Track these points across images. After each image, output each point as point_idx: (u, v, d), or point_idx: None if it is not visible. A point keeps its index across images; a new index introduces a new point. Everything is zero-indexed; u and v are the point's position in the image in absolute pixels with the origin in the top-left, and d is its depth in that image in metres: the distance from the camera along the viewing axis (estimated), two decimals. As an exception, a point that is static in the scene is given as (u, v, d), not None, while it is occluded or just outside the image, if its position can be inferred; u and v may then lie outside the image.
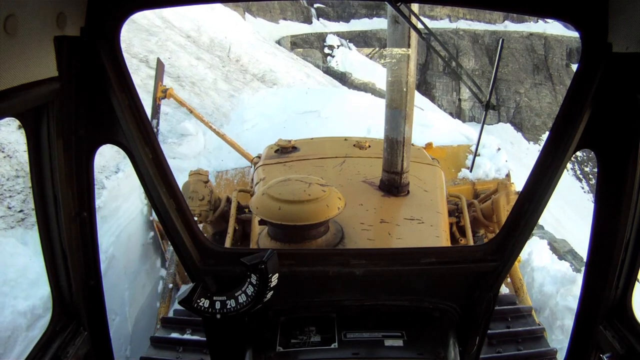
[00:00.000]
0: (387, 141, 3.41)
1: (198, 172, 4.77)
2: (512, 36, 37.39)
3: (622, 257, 1.90)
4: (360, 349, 2.12)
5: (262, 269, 1.92)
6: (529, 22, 39.15)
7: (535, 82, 37.65)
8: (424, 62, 35.75)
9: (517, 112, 37.37)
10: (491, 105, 2.73)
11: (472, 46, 37.14)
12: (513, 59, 37.47)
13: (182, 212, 2.01)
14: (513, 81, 37.33)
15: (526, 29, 38.68)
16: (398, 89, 3.22)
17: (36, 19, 1.41)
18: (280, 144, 4.54)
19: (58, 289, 1.90)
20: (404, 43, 3.09)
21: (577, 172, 35.51)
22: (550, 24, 39.21)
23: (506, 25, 38.56)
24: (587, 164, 35.38)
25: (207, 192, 4.59)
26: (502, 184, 4.88)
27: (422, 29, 2.74)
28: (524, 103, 37.27)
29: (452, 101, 36.71)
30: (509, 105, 37.28)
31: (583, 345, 2.14)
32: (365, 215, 3.27)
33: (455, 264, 2.19)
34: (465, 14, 38.76)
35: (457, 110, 36.11)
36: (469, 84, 2.76)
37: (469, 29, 37.73)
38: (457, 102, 36.83)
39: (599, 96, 1.77)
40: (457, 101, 36.83)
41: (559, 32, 38.31)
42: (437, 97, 35.62)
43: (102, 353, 2.13)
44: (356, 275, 2.14)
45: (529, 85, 37.46)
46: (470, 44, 37.28)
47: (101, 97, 1.74)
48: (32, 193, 1.74)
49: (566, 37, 37.80)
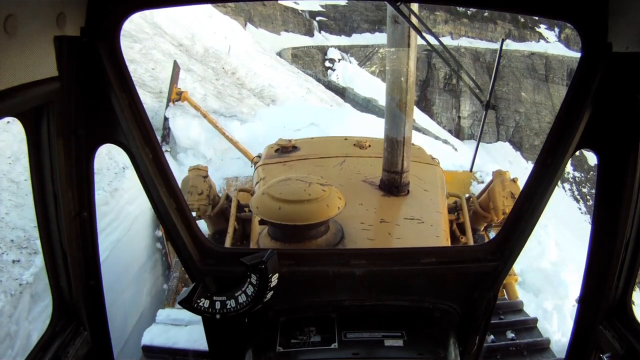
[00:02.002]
0: (387, 141, 3.40)
1: (197, 167, 4.77)
2: (513, 55, 37.45)
3: (622, 257, 1.90)
4: (360, 349, 2.12)
5: (262, 269, 1.93)
6: (530, 42, 39.24)
7: (535, 101, 37.64)
8: (425, 78, 35.77)
9: (516, 131, 37.32)
10: (491, 105, 2.76)
11: (473, 64, 37.14)
12: (514, 77, 37.49)
13: (182, 212, 2.01)
14: (513, 100, 37.31)
15: (527, 48, 38.75)
16: (398, 88, 3.21)
17: (36, 19, 1.42)
18: (281, 144, 4.52)
19: (58, 289, 1.90)
20: (404, 43, 3.08)
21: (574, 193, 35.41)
22: (552, 44, 39.35)
23: (507, 43, 38.48)
24: (585, 185, 35.30)
25: (206, 187, 4.57)
26: (498, 172, 4.89)
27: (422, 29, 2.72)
28: (523, 122, 37.24)
29: (452, 118, 36.67)
30: (509, 124, 37.26)
31: (583, 345, 2.13)
32: (365, 214, 3.26)
33: (456, 264, 2.19)
34: (467, 31, 38.86)
35: (457, 128, 36.06)
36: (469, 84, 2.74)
37: (470, 47, 37.78)
38: (457, 120, 36.78)
39: (598, 96, 1.77)
40: (456, 118, 36.78)
41: (560, 52, 38.39)
42: (436, 114, 35.58)
43: (102, 353, 2.13)
44: (356, 275, 2.14)
45: (529, 105, 37.44)
46: (472, 61, 37.29)
47: (101, 97, 1.74)
48: (32, 193, 1.74)
49: (567, 57, 37.84)
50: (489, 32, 38.55)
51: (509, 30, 38.52)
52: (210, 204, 4.57)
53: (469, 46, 38.18)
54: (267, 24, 34.50)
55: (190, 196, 4.48)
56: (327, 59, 33.19)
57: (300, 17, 36.29)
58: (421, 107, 33.25)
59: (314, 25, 36.55)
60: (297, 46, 33.47)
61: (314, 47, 34.20)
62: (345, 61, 33.16)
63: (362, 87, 27.82)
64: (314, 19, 36.92)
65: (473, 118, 36.68)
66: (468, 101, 36.69)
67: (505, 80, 36.67)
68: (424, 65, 35.33)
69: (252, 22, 33.17)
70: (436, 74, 36.40)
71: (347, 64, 32.46)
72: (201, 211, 4.52)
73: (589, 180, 34.98)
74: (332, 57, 33.14)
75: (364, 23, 37.71)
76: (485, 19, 39.03)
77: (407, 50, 3.08)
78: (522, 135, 37.08)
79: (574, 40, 38.73)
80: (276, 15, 35.08)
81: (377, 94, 22.96)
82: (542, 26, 40.03)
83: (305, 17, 36.55)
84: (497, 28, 39.08)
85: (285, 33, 35.01)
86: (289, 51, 32.02)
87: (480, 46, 38.24)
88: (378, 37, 36.12)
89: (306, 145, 4.61)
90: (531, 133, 37.06)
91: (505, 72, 36.90)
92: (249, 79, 16.00)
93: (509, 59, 37.16)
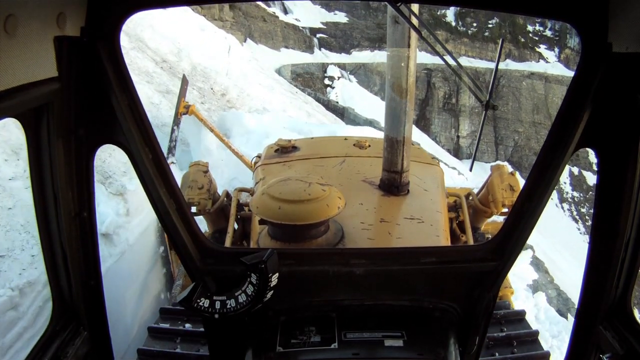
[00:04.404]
0: (387, 140, 3.41)
1: (198, 162, 4.78)
2: (512, 75, 37.49)
3: (622, 257, 1.90)
4: (360, 349, 2.12)
5: (262, 268, 1.93)
6: (530, 62, 39.34)
7: (534, 121, 37.62)
8: (424, 97, 35.77)
9: (515, 150, 37.26)
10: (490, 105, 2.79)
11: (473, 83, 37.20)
12: (513, 97, 37.52)
13: (182, 212, 2.01)
14: (512, 120, 37.31)
15: (527, 68, 38.83)
16: (398, 89, 3.22)
17: (36, 19, 1.42)
18: (280, 144, 4.51)
19: (58, 288, 1.91)
20: (404, 43, 3.09)
21: (573, 213, 35.23)
22: (552, 64, 39.44)
23: (507, 63, 38.64)
24: (584, 205, 35.12)
25: (206, 182, 4.57)
26: (496, 166, 4.89)
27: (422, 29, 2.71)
28: (522, 142, 37.18)
29: (451, 137, 36.62)
30: (507, 144, 37.19)
31: (583, 345, 2.13)
32: (365, 214, 3.27)
33: (456, 264, 2.18)
34: (467, 51, 38.95)
35: (455, 147, 35.99)
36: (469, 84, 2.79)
37: (471, 66, 37.84)
38: (456, 139, 36.71)
39: (598, 96, 1.77)
40: (455, 138, 36.71)
41: (560, 72, 38.46)
42: (435, 133, 35.52)
43: (102, 353, 2.13)
44: (356, 274, 2.14)
45: (528, 125, 37.42)
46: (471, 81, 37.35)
47: (101, 97, 1.74)
48: (32, 193, 1.74)
49: (566, 78, 37.85)
50: (489, 51, 38.63)
51: (509, 50, 38.61)
52: (210, 198, 4.55)
53: (468, 65, 38.17)
54: (267, 40, 34.53)
55: (190, 190, 4.47)
56: (326, 77, 33.16)
57: (300, 34, 36.36)
58: (420, 126, 33.18)
59: (315, 42, 36.61)
60: (296, 63, 33.45)
61: (313, 64, 34.18)
62: (344, 79, 33.14)
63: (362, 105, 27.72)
64: (315, 35, 37.00)
65: (472, 137, 36.63)
66: (467, 120, 36.68)
67: (504, 100, 36.67)
68: (424, 85, 35.37)
69: (252, 38, 33.21)
70: (435, 93, 36.43)
71: (346, 82, 32.44)
72: (201, 205, 4.49)
73: (588, 200, 34.83)
74: (331, 74, 33.11)
75: (364, 40, 37.79)
76: (485, 38, 39.16)
77: (407, 51, 3.09)
78: (521, 155, 37.01)
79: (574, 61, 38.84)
80: (276, 31, 35.14)
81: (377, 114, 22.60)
82: (542, 46, 40.17)
83: (305, 34, 36.62)
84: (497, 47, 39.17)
85: (285, 49, 35.03)
86: (289, 68, 31.97)
87: (480, 65, 38.30)
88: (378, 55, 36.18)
89: (306, 145, 4.60)
90: (530, 153, 37.00)
91: (504, 92, 36.91)
92: (240, 101, 14.34)
93: (509, 79, 37.21)
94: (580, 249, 28.41)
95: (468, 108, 36.42)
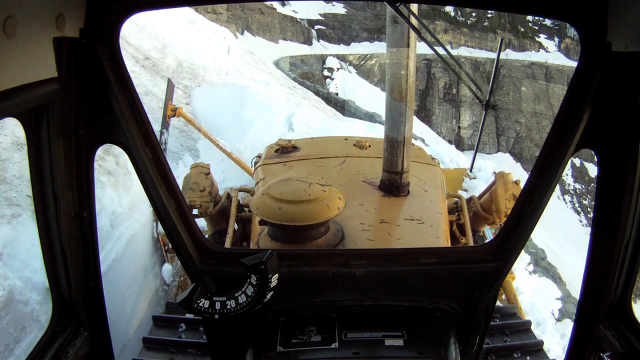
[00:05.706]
0: (387, 141, 3.40)
1: (199, 164, 4.74)
2: (513, 65, 37.24)
3: (622, 257, 1.90)
4: (360, 349, 2.12)
5: (262, 269, 1.93)
6: (530, 51, 39.06)
7: (535, 111, 37.36)
8: (424, 88, 35.44)
9: (516, 142, 37.02)
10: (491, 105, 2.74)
11: (473, 74, 36.88)
12: (514, 87, 37.25)
13: (182, 212, 2.01)
14: (513, 110, 37.06)
15: (527, 57, 38.56)
16: (398, 89, 3.20)
17: (35, 20, 1.42)
18: (281, 144, 4.50)
19: (58, 289, 1.91)
20: (403, 43, 3.08)
21: (575, 205, 35.04)
22: (552, 54, 39.15)
23: (507, 53, 38.41)
24: (586, 197, 34.94)
25: (208, 184, 4.53)
26: (500, 174, 4.85)
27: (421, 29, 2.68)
28: (524, 133, 36.92)
29: (452, 129, 36.36)
30: (509, 135, 36.93)
31: (583, 344, 2.14)
32: (365, 215, 3.27)
33: (456, 264, 2.19)
34: (467, 41, 38.66)
35: (457, 138, 35.76)
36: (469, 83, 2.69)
37: (470, 56, 37.54)
38: (457, 130, 36.43)
39: (598, 95, 1.77)
40: (456, 129, 36.44)
41: (561, 62, 38.20)
42: (436, 124, 35.23)
43: (102, 353, 2.13)
44: (356, 275, 2.15)
45: (529, 115, 37.16)
46: (472, 70, 37.04)
47: (101, 97, 1.74)
48: (32, 193, 1.74)
49: (567, 67, 37.65)
50: (488, 41, 38.37)
51: (509, 40, 38.37)
52: (212, 201, 4.52)
53: (468, 55, 37.97)
54: (265, 32, 34.18)
55: (192, 193, 4.43)
56: (325, 68, 32.78)
57: (298, 26, 35.99)
58: (421, 117, 32.92)
59: (313, 33, 36.21)
60: (295, 55, 33.06)
61: (312, 56, 33.80)
62: (344, 70, 32.75)
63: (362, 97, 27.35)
64: (313, 27, 36.58)
65: (473, 128, 36.36)
66: (468, 111, 36.41)
67: (505, 90, 36.39)
68: (424, 75, 35.07)
69: (249, 30, 32.84)
70: (436, 84, 36.15)
71: (346, 73, 32.07)
72: (203, 208, 4.45)
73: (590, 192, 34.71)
74: (330, 66, 32.73)
75: (362, 32, 37.43)
76: (485, 28, 38.85)
77: (407, 51, 3.08)
78: (523, 147, 36.79)
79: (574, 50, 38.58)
80: (274, 23, 34.78)
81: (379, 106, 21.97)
82: (542, 36, 39.87)
83: (303, 26, 36.21)
84: (497, 37, 38.89)
85: (284, 41, 34.65)
86: (287, 60, 31.59)
87: (480, 55, 38.03)
88: (377, 45, 35.82)
89: (306, 145, 4.60)
90: (532, 144, 36.80)
91: (505, 82, 36.62)
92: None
93: (509, 68, 36.93)
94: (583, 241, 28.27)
95: (469, 98, 36.20)
